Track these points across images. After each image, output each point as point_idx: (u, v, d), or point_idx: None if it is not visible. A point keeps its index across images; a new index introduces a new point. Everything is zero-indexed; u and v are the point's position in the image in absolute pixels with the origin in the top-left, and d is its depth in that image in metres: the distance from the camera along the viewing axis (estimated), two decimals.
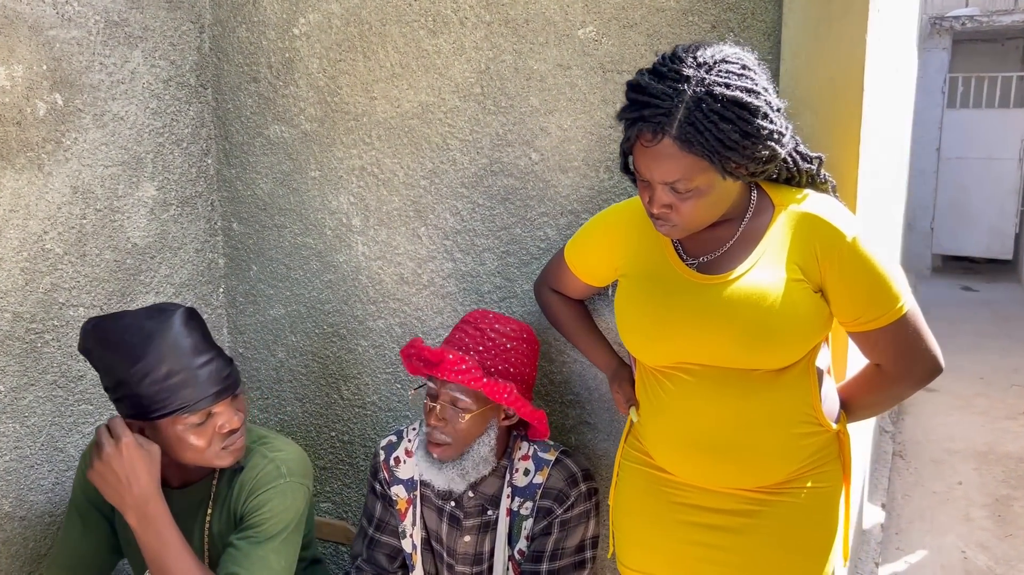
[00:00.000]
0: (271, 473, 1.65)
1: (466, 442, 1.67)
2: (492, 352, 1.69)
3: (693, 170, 1.31)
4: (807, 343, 1.43)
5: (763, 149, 1.31)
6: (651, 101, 1.30)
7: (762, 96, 1.31)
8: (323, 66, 2.05)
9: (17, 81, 1.72)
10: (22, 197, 1.75)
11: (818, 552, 1.52)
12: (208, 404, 1.52)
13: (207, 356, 1.54)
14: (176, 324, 1.52)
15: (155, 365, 1.48)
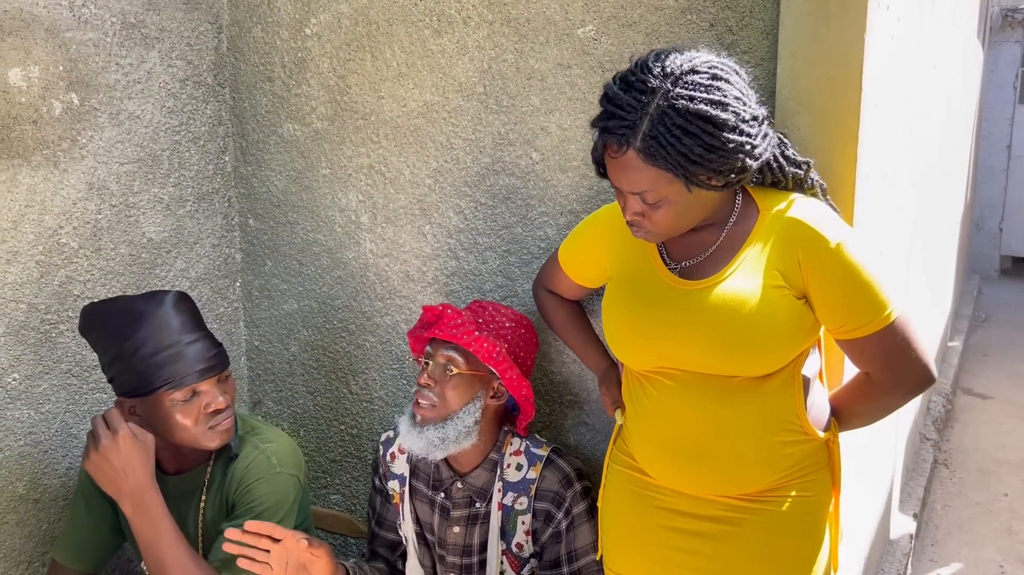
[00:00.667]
0: (262, 463, 1.70)
1: (451, 407, 1.69)
2: (489, 324, 1.73)
3: (659, 182, 1.30)
4: (788, 351, 1.40)
5: (731, 161, 1.29)
6: (617, 112, 1.29)
7: (731, 108, 1.27)
8: (333, 65, 2.08)
9: (33, 81, 1.80)
10: (38, 193, 1.83)
11: (802, 562, 1.49)
12: (193, 381, 1.58)
13: (194, 336, 1.61)
14: (166, 305, 1.60)
15: (143, 341, 1.56)
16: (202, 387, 1.61)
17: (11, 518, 1.86)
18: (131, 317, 1.58)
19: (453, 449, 1.72)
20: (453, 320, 1.69)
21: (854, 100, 1.56)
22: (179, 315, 1.61)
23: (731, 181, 1.32)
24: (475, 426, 1.72)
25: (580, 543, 1.76)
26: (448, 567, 1.82)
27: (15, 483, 1.86)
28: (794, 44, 1.60)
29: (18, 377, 1.84)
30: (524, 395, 1.72)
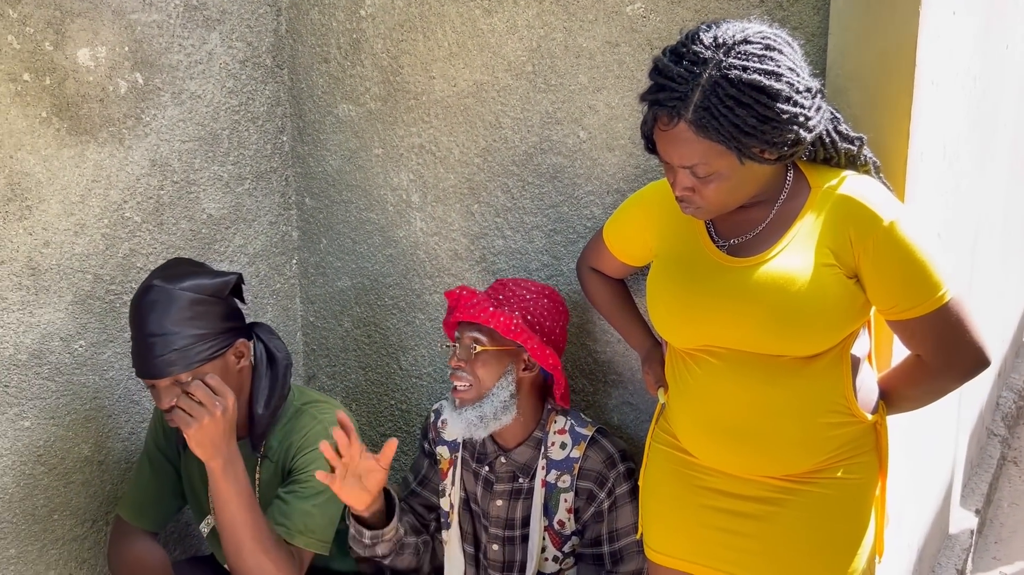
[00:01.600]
0: (318, 433, 1.76)
1: (484, 384, 1.72)
2: (509, 299, 1.76)
3: (710, 155, 1.29)
4: (837, 331, 1.38)
5: (784, 133, 1.27)
6: (667, 84, 1.29)
7: (785, 78, 1.26)
8: (386, 46, 2.12)
9: (100, 61, 1.88)
10: (104, 169, 1.91)
11: (846, 545, 1.47)
12: (142, 376, 1.66)
13: (158, 339, 1.60)
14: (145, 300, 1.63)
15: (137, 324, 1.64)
16: (154, 384, 1.65)
17: (77, 478, 1.96)
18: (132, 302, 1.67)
19: (494, 426, 1.75)
20: (469, 300, 1.73)
21: (907, 77, 1.52)
22: (156, 312, 1.61)
23: (784, 154, 1.31)
24: (512, 400, 1.74)
25: (622, 523, 1.78)
26: (491, 538, 1.86)
27: (81, 445, 1.96)
28: (846, 19, 1.56)
29: (84, 344, 1.93)
30: (551, 364, 1.73)
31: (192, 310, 1.63)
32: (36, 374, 1.86)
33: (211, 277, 1.69)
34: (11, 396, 1.82)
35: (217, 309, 1.67)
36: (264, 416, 1.76)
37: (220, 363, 1.67)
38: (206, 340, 1.64)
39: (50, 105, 1.81)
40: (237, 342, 1.71)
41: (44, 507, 1.91)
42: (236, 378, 1.72)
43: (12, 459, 1.84)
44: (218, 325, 1.66)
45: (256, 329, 1.79)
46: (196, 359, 1.63)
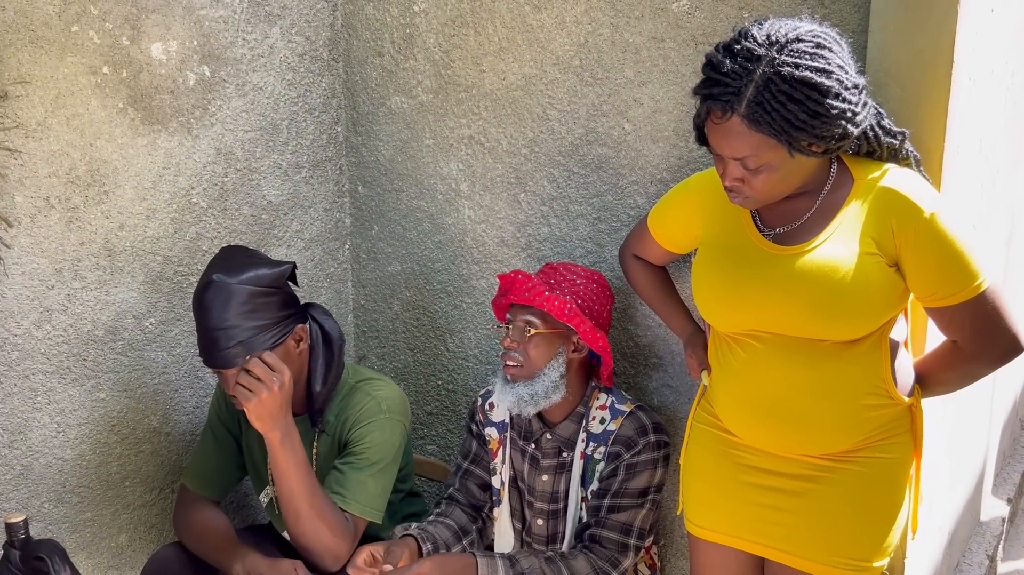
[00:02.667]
0: (372, 408, 1.86)
1: (536, 365, 1.81)
2: (561, 283, 1.83)
3: (762, 148, 1.36)
4: (878, 317, 1.44)
5: (833, 128, 1.33)
6: (722, 79, 1.35)
7: (835, 76, 1.32)
8: (438, 41, 2.21)
9: (172, 55, 1.99)
10: (173, 156, 2.03)
11: (881, 521, 1.54)
12: (209, 366, 1.77)
13: (222, 331, 1.69)
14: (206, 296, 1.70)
15: (201, 317, 1.73)
16: (221, 372, 1.77)
17: (146, 447, 2.09)
18: (194, 295, 1.76)
19: (544, 404, 1.83)
20: (524, 284, 1.81)
21: (945, 73, 1.58)
22: (218, 306, 1.69)
23: (831, 148, 1.37)
24: (561, 380, 1.83)
25: (633, 485, 1.82)
26: (536, 512, 1.95)
27: (150, 417, 2.08)
28: (885, 17, 1.62)
29: (154, 322, 2.06)
30: (601, 346, 1.81)
31: (252, 303, 1.70)
32: (111, 349, 1.98)
33: (268, 267, 1.76)
34: (88, 369, 1.95)
35: (275, 299, 1.75)
36: (321, 393, 1.86)
37: (281, 350, 1.76)
38: (267, 330, 1.73)
39: (126, 96, 1.92)
40: (296, 328, 1.79)
41: (117, 474, 2.04)
42: (297, 361, 1.81)
43: (89, 428, 1.97)
44: (277, 314, 1.75)
45: (311, 310, 1.89)
46: (259, 349, 1.72)
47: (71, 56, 1.81)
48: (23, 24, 1.73)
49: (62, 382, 1.90)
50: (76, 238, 1.88)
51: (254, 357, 1.70)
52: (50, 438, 1.90)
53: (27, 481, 1.88)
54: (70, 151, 1.84)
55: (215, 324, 1.69)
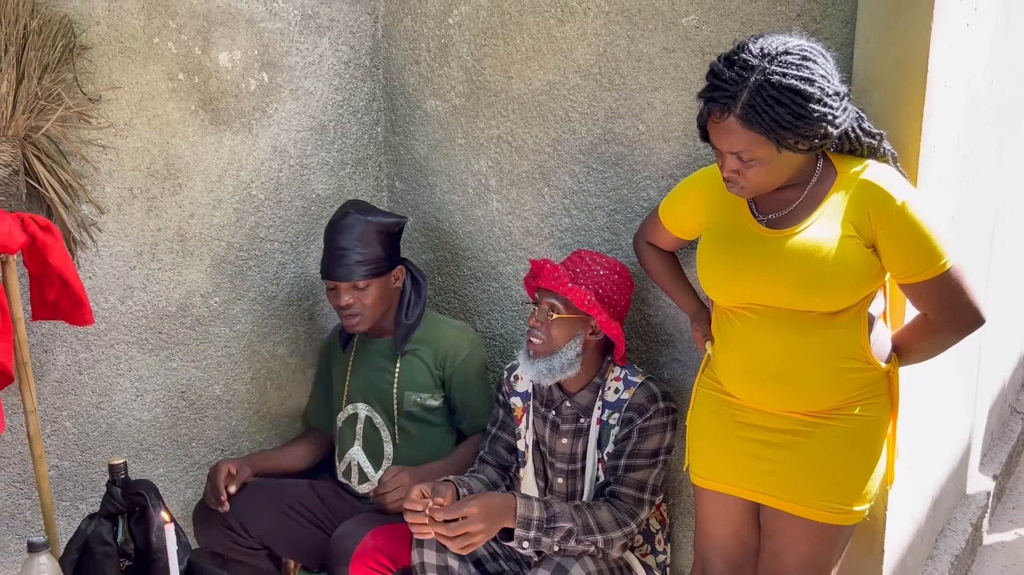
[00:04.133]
0: (464, 341, 2.35)
1: (556, 343, 2.03)
2: (585, 274, 2.05)
3: (753, 144, 1.58)
4: (856, 291, 1.65)
5: (816, 128, 1.54)
6: (721, 85, 1.58)
7: (817, 84, 1.53)
8: (471, 50, 2.46)
9: (236, 63, 2.24)
10: (236, 154, 2.28)
11: (860, 471, 1.75)
12: (326, 277, 2.20)
13: (348, 251, 2.16)
14: (344, 223, 2.18)
15: (326, 235, 2.23)
16: (336, 285, 2.19)
17: (210, 413, 2.34)
18: (330, 223, 2.23)
19: (560, 377, 2.06)
20: (552, 273, 2.03)
21: (920, 81, 1.80)
22: (344, 232, 2.16)
23: (815, 146, 1.58)
24: (577, 358, 2.05)
25: (645, 447, 2.03)
26: (557, 472, 2.18)
27: (213, 385, 2.33)
28: (868, 32, 1.85)
29: (219, 301, 2.31)
30: (615, 334, 2.04)
31: (376, 236, 2.19)
32: (181, 323, 2.23)
33: (387, 217, 2.26)
34: (163, 341, 2.20)
35: (389, 240, 2.25)
36: (408, 324, 2.29)
37: (384, 279, 2.24)
38: (380, 261, 2.21)
39: (197, 100, 2.17)
40: (397, 267, 2.28)
41: (185, 435, 2.29)
42: (392, 293, 2.29)
43: (162, 394, 2.22)
44: (386, 252, 2.23)
45: (407, 262, 2.36)
46: (371, 272, 2.19)
47: (153, 64, 2.06)
48: (114, 37, 1.98)
49: (140, 351, 2.15)
50: (154, 224, 2.13)
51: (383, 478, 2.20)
52: (130, 401, 2.16)
53: (111, 438, 2.13)
54: (150, 148, 2.09)
55: (345, 244, 2.16)
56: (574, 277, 2.05)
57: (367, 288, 2.20)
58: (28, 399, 1.80)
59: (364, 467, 2.33)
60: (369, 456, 2.33)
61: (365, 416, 2.33)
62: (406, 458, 2.29)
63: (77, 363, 2.04)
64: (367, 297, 2.20)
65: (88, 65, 1.94)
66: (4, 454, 1.93)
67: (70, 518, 2.07)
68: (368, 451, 2.33)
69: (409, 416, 2.30)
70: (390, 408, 2.30)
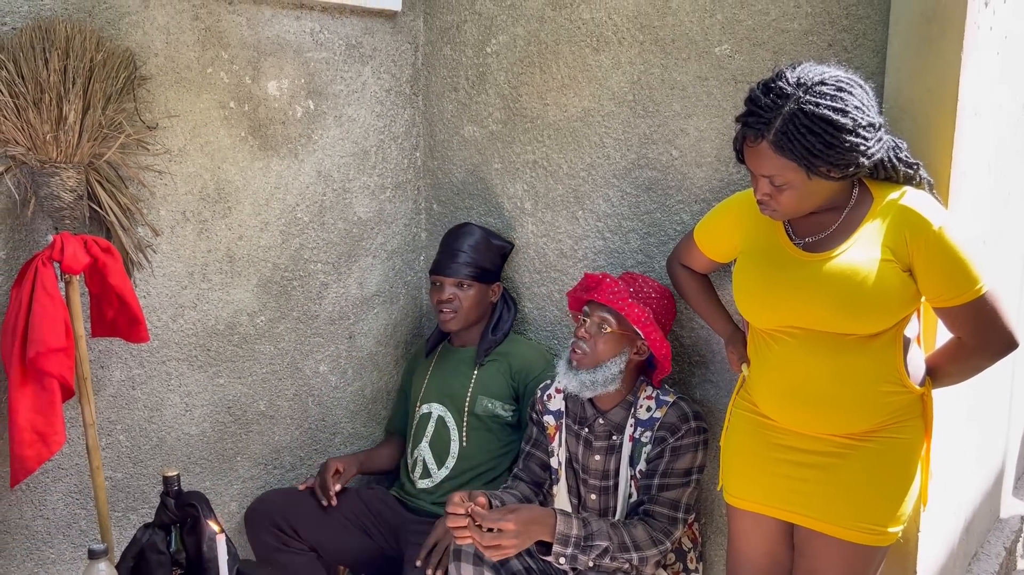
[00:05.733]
0: (540, 360, 2.47)
1: (601, 358, 2.08)
2: (639, 294, 2.11)
3: (785, 170, 1.62)
4: (893, 315, 1.68)
5: (847, 158, 1.58)
6: (757, 111, 1.63)
7: (850, 115, 1.56)
8: (508, 78, 2.53)
9: (284, 91, 2.33)
10: (283, 178, 2.37)
11: (894, 493, 1.76)
12: (437, 272, 2.44)
13: (462, 252, 2.44)
14: (464, 229, 2.50)
15: (444, 238, 2.53)
16: (443, 281, 2.43)
17: (255, 428, 2.41)
18: (451, 229, 2.54)
19: (600, 391, 2.11)
20: (611, 288, 2.08)
21: (951, 109, 1.84)
22: (462, 237, 2.46)
23: (847, 174, 1.62)
24: (619, 375, 2.10)
25: (678, 466, 2.06)
26: (590, 489, 2.22)
27: (258, 402, 2.41)
28: (899, 61, 1.89)
29: (264, 319, 2.39)
30: (664, 354, 2.08)
31: (486, 247, 2.48)
32: (228, 341, 2.31)
33: (499, 238, 2.55)
34: (211, 358, 2.28)
35: (496, 257, 2.51)
36: (493, 339, 2.48)
37: (484, 288, 2.48)
38: (484, 269, 2.46)
39: (247, 126, 2.27)
40: (496, 283, 2.52)
41: (231, 449, 2.36)
42: (487, 305, 2.51)
43: (209, 409, 2.30)
44: (492, 265, 2.49)
45: (504, 283, 2.59)
46: (475, 275, 2.44)
47: (206, 93, 2.16)
48: (171, 68, 2.08)
49: (190, 368, 2.24)
50: (205, 246, 2.22)
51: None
52: (179, 415, 2.24)
53: (161, 451, 2.21)
54: (202, 173, 2.18)
55: (460, 246, 2.44)
56: (631, 295, 2.10)
57: (468, 289, 2.43)
58: (88, 413, 1.88)
59: (428, 463, 2.46)
60: (435, 454, 2.45)
61: (438, 415, 2.47)
62: (470, 460, 2.41)
63: (131, 379, 2.12)
64: (467, 298, 2.43)
65: (146, 95, 2.04)
66: (62, 465, 2.02)
67: (122, 528, 2.14)
68: (435, 449, 2.46)
69: (478, 419, 2.43)
70: (462, 408, 2.44)
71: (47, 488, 2.00)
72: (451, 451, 2.44)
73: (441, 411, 2.48)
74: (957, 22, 1.81)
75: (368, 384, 2.71)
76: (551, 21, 2.43)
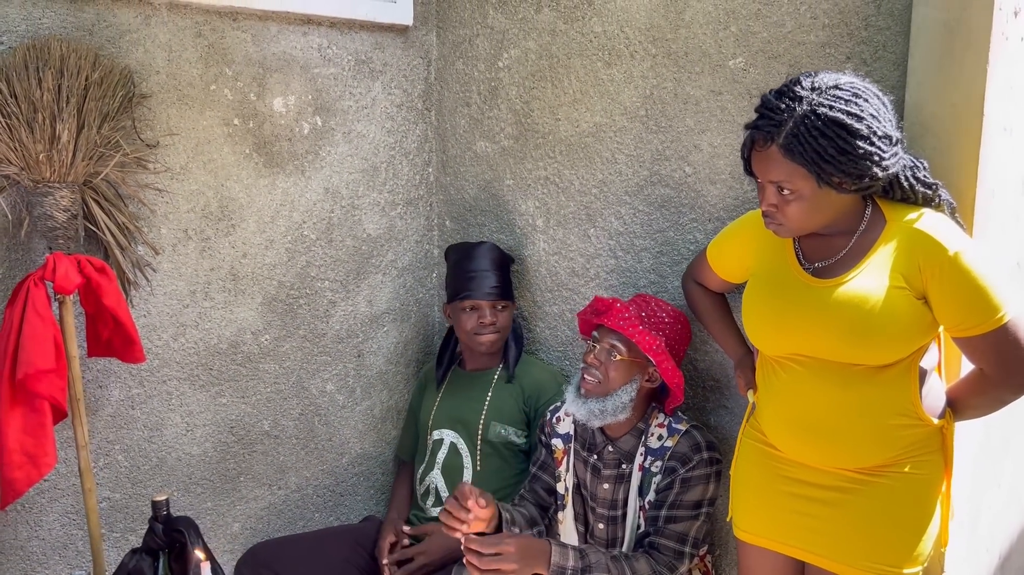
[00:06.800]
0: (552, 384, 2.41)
1: (612, 386, 2.00)
2: (651, 319, 2.03)
3: (794, 175, 1.54)
4: (906, 345, 1.59)
5: (859, 166, 1.50)
6: (768, 114, 1.55)
7: (865, 121, 1.49)
8: (519, 93, 2.48)
9: (290, 107, 2.31)
10: (289, 195, 2.34)
11: (910, 531, 1.66)
12: (475, 298, 2.35)
13: (489, 272, 2.37)
14: (484, 248, 2.41)
15: (460, 262, 2.40)
16: (481, 305, 2.35)
17: (259, 448, 2.38)
18: (463, 249, 2.42)
19: (609, 420, 2.03)
20: (621, 313, 2.00)
21: (975, 125, 1.74)
22: (485, 257, 2.38)
23: (860, 187, 1.53)
24: (630, 403, 2.02)
25: (688, 498, 1.98)
26: (598, 518, 2.14)
27: (262, 421, 2.38)
28: (921, 75, 1.80)
29: (269, 338, 2.36)
30: (676, 383, 2.00)
31: (504, 266, 2.43)
32: (232, 360, 2.29)
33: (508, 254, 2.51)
34: (213, 377, 2.25)
35: (509, 274, 2.47)
36: (516, 351, 2.44)
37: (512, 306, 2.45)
38: (511, 285, 2.45)
39: (252, 143, 2.24)
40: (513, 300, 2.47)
41: (233, 470, 2.33)
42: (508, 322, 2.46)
43: (212, 429, 2.27)
44: (509, 282, 2.46)
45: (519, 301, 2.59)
46: (509, 295, 2.42)
47: (209, 110, 2.14)
48: (173, 85, 2.07)
49: (192, 387, 2.21)
50: (207, 264, 2.20)
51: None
52: (180, 435, 2.21)
53: (161, 471, 2.19)
54: (205, 190, 2.16)
55: (484, 267, 2.39)
56: (642, 321, 2.02)
57: (504, 310, 2.41)
58: (80, 434, 1.86)
59: (441, 491, 2.41)
60: (447, 481, 2.40)
61: (449, 442, 2.42)
62: (484, 486, 2.30)
63: (130, 398, 2.10)
64: (503, 318, 2.40)
65: (147, 112, 2.02)
66: (58, 486, 2.00)
67: (120, 549, 2.12)
68: (447, 476, 2.40)
69: (491, 446, 2.37)
70: (474, 435, 2.38)
71: (43, 509, 1.99)
72: (464, 479, 2.38)
73: (453, 438, 2.42)
74: (982, 33, 1.71)
75: (377, 403, 2.67)
76: (563, 35, 2.37)
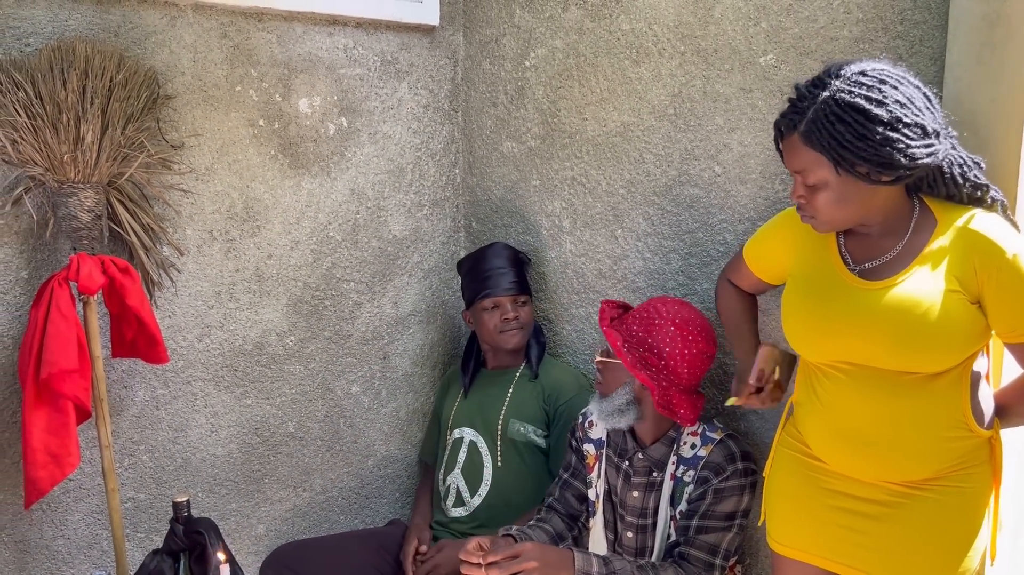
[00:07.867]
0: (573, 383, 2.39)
1: (608, 387, 2.01)
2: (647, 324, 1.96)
3: (814, 164, 1.48)
4: (959, 351, 1.50)
5: (881, 154, 1.42)
6: (795, 103, 1.51)
7: (887, 107, 1.41)
8: (546, 92, 2.44)
9: (316, 108, 2.30)
10: (315, 196, 2.33)
11: (958, 547, 1.58)
12: (495, 295, 2.34)
13: (506, 269, 2.38)
14: (496, 247, 2.42)
15: (476, 265, 2.40)
16: (502, 301, 2.35)
17: (283, 450, 2.38)
18: (474, 255, 2.42)
19: (619, 421, 1.99)
20: (606, 318, 2.01)
21: (1017, 121, 1.67)
22: (500, 255, 2.39)
23: (893, 178, 1.45)
24: (629, 406, 1.97)
25: (720, 509, 1.92)
26: (627, 526, 2.10)
27: (287, 423, 2.37)
28: (959, 70, 1.73)
29: (294, 339, 2.35)
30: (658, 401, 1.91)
31: (519, 261, 2.43)
32: (257, 361, 2.28)
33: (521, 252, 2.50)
34: (238, 378, 2.25)
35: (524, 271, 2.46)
36: (538, 349, 2.43)
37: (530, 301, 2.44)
38: (523, 281, 2.43)
39: (277, 145, 2.24)
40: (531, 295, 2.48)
41: (258, 471, 2.33)
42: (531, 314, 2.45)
43: (237, 430, 2.27)
44: (525, 277, 2.45)
45: (542, 303, 2.55)
46: (527, 290, 2.43)
47: (234, 112, 2.14)
48: (198, 86, 2.07)
49: (216, 388, 2.22)
50: (232, 265, 2.20)
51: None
52: (205, 436, 2.22)
53: (186, 472, 2.19)
54: (230, 191, 2.16)
55: (500, 264, 2.39)
56: (626, 326, 1.98)
57: (524, 305, 2.41)
58: (104, 434, 1.87)
59: (462, 491, 2.39)
60: (468, 481, 2.38)
61: (469, 441, 2.41)
62: (504, 485, 2.33)
63: (155, 399, 2.11)
64: (525, 313, 2.40)
65: (173, 113, 2.03)
66: (83, 486, 2.02)
67: (145, 549, 2.13)
68: (467, 476, 2.38)
69: (511, 444, 2.35)
70: (494, 432, 2.37)
71: (68, 508, 2.00)
72: (484, 478, 2.36)
73: (473, 435, 2.40)
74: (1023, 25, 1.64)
75: (403, 406, 2.65)
76: (590, 33, 2.33)
